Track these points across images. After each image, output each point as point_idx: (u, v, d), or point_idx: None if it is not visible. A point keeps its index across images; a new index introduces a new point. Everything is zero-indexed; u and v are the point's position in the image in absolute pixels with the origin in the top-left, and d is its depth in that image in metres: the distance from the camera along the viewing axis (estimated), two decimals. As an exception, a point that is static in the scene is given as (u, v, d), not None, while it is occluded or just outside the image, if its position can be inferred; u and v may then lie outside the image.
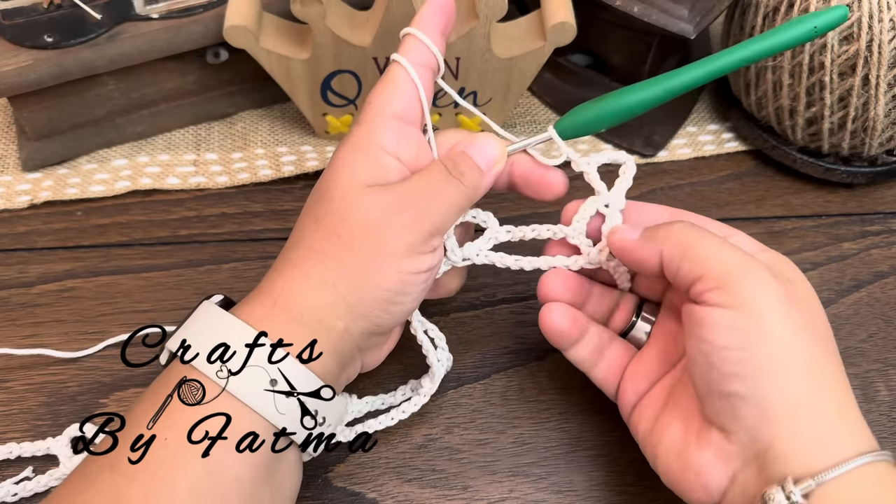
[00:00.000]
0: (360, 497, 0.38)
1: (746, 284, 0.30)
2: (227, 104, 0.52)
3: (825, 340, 0.32)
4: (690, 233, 0.33)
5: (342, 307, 0.32)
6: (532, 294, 0.45)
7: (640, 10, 0.46)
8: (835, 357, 0.32)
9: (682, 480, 0.32)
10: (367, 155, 0.34)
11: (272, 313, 0.32)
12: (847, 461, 0.28)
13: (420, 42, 0.36)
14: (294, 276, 0.33)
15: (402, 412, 0.39)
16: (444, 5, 0.37)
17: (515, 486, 0.39)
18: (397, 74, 0.35)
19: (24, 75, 0.43)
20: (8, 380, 0.41)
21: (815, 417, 0.29)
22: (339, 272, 0.32)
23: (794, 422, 0.29)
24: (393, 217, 0.33)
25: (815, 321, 0.32)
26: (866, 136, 0.47)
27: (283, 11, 0.45)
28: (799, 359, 0.30)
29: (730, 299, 0.30)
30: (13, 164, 0.50)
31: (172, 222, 0.48)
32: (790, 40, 0.35)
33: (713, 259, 0.31)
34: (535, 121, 0.54)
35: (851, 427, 0.30)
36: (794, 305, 0.31)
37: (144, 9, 0.46)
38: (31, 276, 0.45)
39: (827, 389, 0.30)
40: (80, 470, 0.31)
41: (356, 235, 0.33)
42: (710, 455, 0.31)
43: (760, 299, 0.30)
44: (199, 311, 0.33)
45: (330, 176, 0.34)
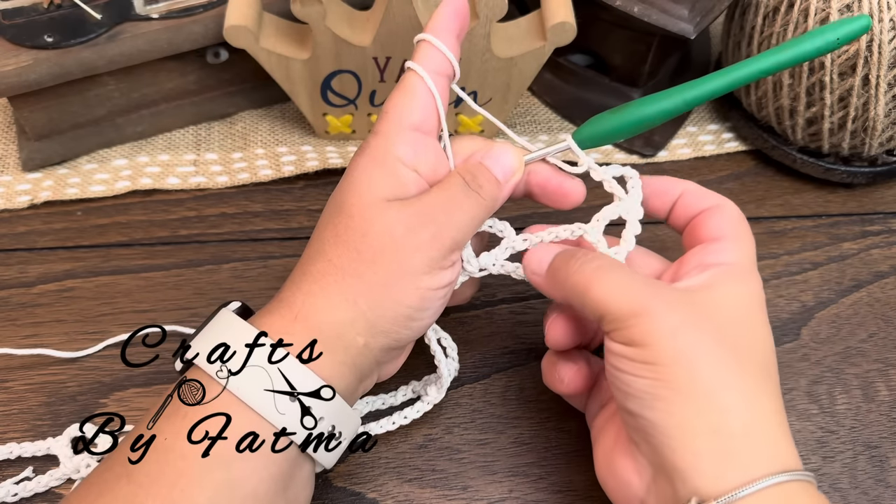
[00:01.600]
0: (360, 497, 0.38)
1: (642, 324, 0.31)
2: (227, 104, 0.52)
3: (739, 353, 0.31)
4: (592, 272, 0.33)
5: (362, 323, 0.32)
6: (532, 294, 0.45)
7: (640, 10, 0.46)
8: (751, 370, 0.31)
9: (609, 487, 0.34)
10: (385, 168, 0.34)
11: (293, 328, 0.32)
12: (755, 481, 0.28)
13: (435, 49, 0.35)
14: (314, 292, 0.33)
15: (405, 417, 0.39)
16: (458, 8, 0.36)
17: (515, 486, 0.39)
18: (414, 83, 0.35)
19: (24, 75, 0.44)
20: (8, 380, 0.41)
21: (719, 437, 0.29)
22: (360, 288, 0.32)
23: (693, 442, 0.29)
24: (414, 233, 0.33)
25: (724, 335, 0.31)
26: (866, 136, 0.47)
27: (283, 11, 0.45)
28: (698, 383, 0.30)
29: (628, 337, 0.31)
30: (13, 164, 0.50)
31: (172, 222, 0.48)
32: (811, 52, 0.34)
33: (611, 300, 0.32)
34: (535, 121, 0.54)
35: (764, 445, 0.30)
36: (695, 329, 0.31)
37: (144, 9, 0.46)
38: (31, 276, 0.45)
39: (736, 408, 0.30)
40: (97, 475, 0.30)
41: (377, 252, 0.32)
42: (629, 464, 0.32)
43: (657, 336, 0.30)
44: (216, 318, 0.33)
45: (348, 189, 0.34)
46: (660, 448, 0.30)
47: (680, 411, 0.30)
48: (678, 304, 0.31)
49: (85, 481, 0.31)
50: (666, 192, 0.37)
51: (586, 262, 0.33)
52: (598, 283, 0.32)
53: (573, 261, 0.33)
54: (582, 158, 0.37)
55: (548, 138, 0.52)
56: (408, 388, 0.40)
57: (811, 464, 0.39)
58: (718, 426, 0.29)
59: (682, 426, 0.30)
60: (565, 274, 0.34)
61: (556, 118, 0.54)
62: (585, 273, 0.33)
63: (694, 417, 0.30)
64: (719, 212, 0.35)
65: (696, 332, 0.31)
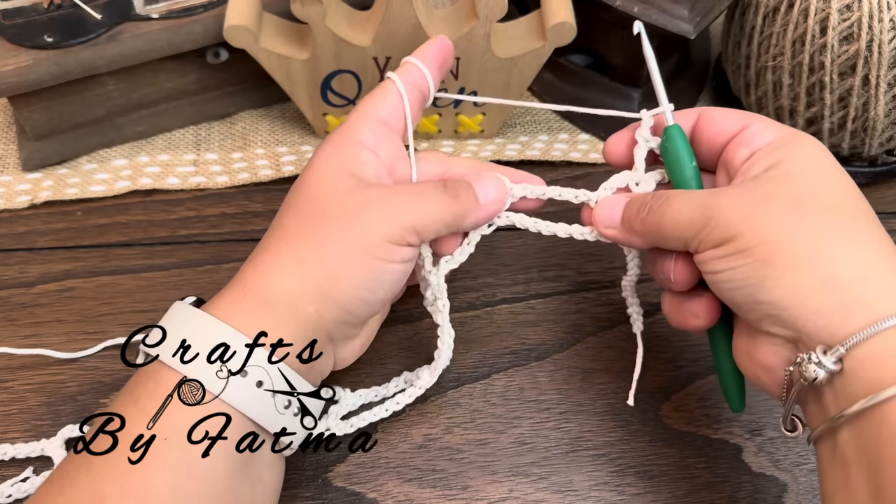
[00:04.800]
0: (360, 497, 0.38)
1: (720, 222, 0.31)
2: (227, 104, 0.52)
3: (825, 207, 0.31)
4: (659, 208, 0.33)
5: (314, 290, 0.32)
6: (532, 294, 0.45)
7: (640, 10, 0.46)
8: (844, 218, 0.31)
9: (757, 380, 0.33)
10: (344, 147, 0.35)
11: (243, 303, 0.32)
12: (880, 321, 0.28)
13: (415, 67, 0.37)
14: (266, 261, 0.33)
15: (397, 403, 0.39)
16: (443, 45, 0.39)
17: (515, 486, 0.39)
18: (387, 87, 0.37)
19: (24, 75, 0.44)
20: (8, 380, 0.41)
21: (832, 287, 0.29)
22: (314, 253, 0.33)
23: (809, 301, 0.29)
24: (372, 206, 0.33)
25: (803, 198, 0.31)
26: (866, 136, 0.47)
27: (283, 11, 0.45)
28: (793, 247, 0.30)
29: (713, 240, 0.31)
30: (13, 164, 0.50)
31: (172, 222, 0.48)
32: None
33: (685, 221, 0.32)
34: (535, 121, 0.54)
35: (882, 285, 0.29)
36: (771, 203, 0.31)
37: (144, 9, 0.46)
38: (31, 276, 0.45)
39: (841, 255, 0.30)
40: (58, 470, 0.31)
41: (333, 219, 0.33)
42: (766, 351, 0.32)
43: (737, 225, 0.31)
44: (170, 310, 0.34)
45: (309, 170, 0.35)
46: (785, 323, 0.30)
47: (787, 279, 0.30)
48: (746, 192, 0.32)
49: (49, 477, 0.31)
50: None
51: (653, 203, 0.34)
52: (668, 215, 0.33)
53: (642, 207, 0.34)
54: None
55: (548, 138, 0.52)
56: (400, 380, 0.40)
57: None
58: (828, 277, 0.29)
59: (794, 292, 0.30)
60: (640, 221, 0.34)
61: (556, 118, 0.54)
62: (655, 212, 0.34)
63: (802, 278, 0.29)
64: (725, 122, 0.35)
65: (774, 205, 0.31)
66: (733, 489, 0.39)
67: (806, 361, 0.29)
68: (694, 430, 0.41)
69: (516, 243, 0.47)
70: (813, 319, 0.29)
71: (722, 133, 0.35)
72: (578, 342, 0.43)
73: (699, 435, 0.40)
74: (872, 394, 0.27)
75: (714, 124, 0.35)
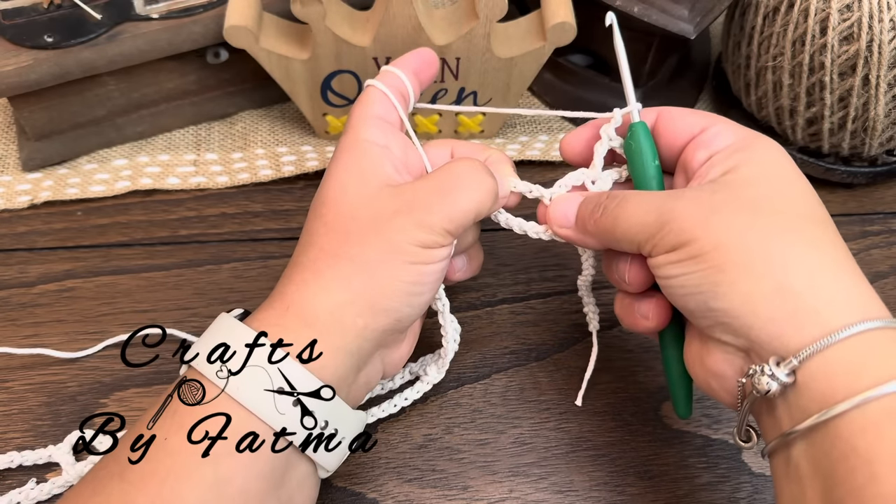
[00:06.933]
0: (360, 497, 0.38)
1: (674, 227, 0.31)
2: (227, 104, 0.52)
3: (781, 214, 0.31)
4: (614, 209, 0.33)
5: (361, 303, 0.32)
6: (532, 294, 0.45)
7: (640, 10, 0.46)
8: (800, 225, 0.30)
9: (708, 387, 0.33)
10: (358, 151, 0.35)
11: (285, 319, 0.32)
12: (834, 332, 0.27)
13: (393, 73, 0.38)
14: (307, 280, 0.33)
15: (405, 399, 0.39)
16: (423, 55, 0.39)
17: (515, 486, 0.39)
18: (371, 91, 0.37)
19: (24, 75, 0.44)
20: (8, 380, 0.41)
21: (785, 295, 0.29)
22: (353, 269, 0.33)
23: (762, 309, 0.29)
24: (402, 215, 0.33)
25: (759, 203, 0.31)
26: (866, 136, 0.47)
27: (283, 11, 0.45)
28: (747, 254, 0.29)
29: (667, 245, 0.31)
30: (13, 164, 0.50)
31: (172, 222, 0.48)
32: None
33: (639, 224, 0.32)
34: (535, 121, 0.54)
35: (835, 295, 0.29)
36: (727, 209, 0.30)
37: (144, 9, 0.46)
38: (32, 276, 0.45)
39: (794, 263, 0.29)
40: (92, 474, 0.31)
41: (365, 234, 0.33)
42: (718, 359, 0.31)
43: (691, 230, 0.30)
44: (214, 323, 0.34)
45: (330, 180, 0.35)
46: (737, 331, 0.30)
47: (740, 287, 0.29)
48: (701, 197, 0.31)
49: (81, 480, 0.31)
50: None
51: (607, 203, 0.34)
52: (622, 217, 0.33)
53: (596, 208, 0.34)
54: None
55: (548, 138, 0.52)
56: (405, 371, 0.40)
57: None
58: (781, 284, 0.29)
59: (746, 299, 0.29)
60: (593, 222, 0.34)
61: (556, 118, 0.54)
62: (609, 213, 0.33)
63: (755, 286, 0.29)
64: (685, 122, 0.35)
65: (729, 211, 0.30)
66: (733, 489, 0.39)
67: (759, 373, 0.29)
68: (694, 430, 0.41)
69: (516, 243, 0.47)
70: (766, 329, 0.29)
71: (681, 134, 0.34)
72: (578, 342, 0.43)
73: (699, 435, 0.40)
74: (826, 408, 0.27)
75: (673, 124, 0.35)
